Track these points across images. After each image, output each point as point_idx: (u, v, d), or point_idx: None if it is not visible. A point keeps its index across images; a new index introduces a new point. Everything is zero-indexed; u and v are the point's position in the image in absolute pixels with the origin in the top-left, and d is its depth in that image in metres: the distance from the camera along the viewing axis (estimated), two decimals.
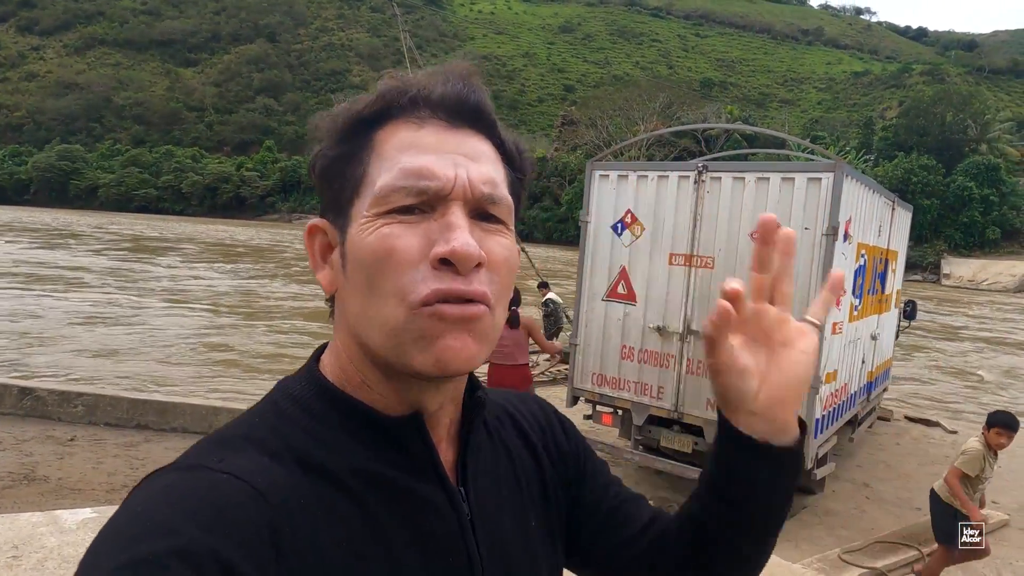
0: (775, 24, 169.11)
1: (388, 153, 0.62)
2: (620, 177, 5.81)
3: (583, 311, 6.04)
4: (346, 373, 0.66)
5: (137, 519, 0.52)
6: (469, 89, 0.65)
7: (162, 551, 0.49)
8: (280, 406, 0.65)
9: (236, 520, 0.53)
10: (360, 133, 0.64)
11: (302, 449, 0.61)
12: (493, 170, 0.65)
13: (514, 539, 0.73)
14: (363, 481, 0.62)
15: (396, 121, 0.64)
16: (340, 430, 0.64)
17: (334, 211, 0.66)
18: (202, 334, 13.55)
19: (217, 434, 0.62)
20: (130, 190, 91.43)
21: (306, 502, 0.58)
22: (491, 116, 0.67)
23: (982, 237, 47.24)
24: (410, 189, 0.60)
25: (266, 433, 0.62)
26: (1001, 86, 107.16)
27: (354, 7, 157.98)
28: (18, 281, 19.50)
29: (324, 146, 0.66)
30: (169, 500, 0.53)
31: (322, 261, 0.68)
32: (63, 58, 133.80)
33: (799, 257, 4.99)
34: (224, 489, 0.54)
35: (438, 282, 0.59)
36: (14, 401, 7.00)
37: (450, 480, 0.68)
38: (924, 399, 11.97)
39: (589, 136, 61.00)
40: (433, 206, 0.61)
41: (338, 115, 0.66)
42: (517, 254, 0.68)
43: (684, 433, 5.67)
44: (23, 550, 3.46)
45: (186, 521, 0.51)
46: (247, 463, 0.58)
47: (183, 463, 0.58)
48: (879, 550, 5.09)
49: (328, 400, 0.65)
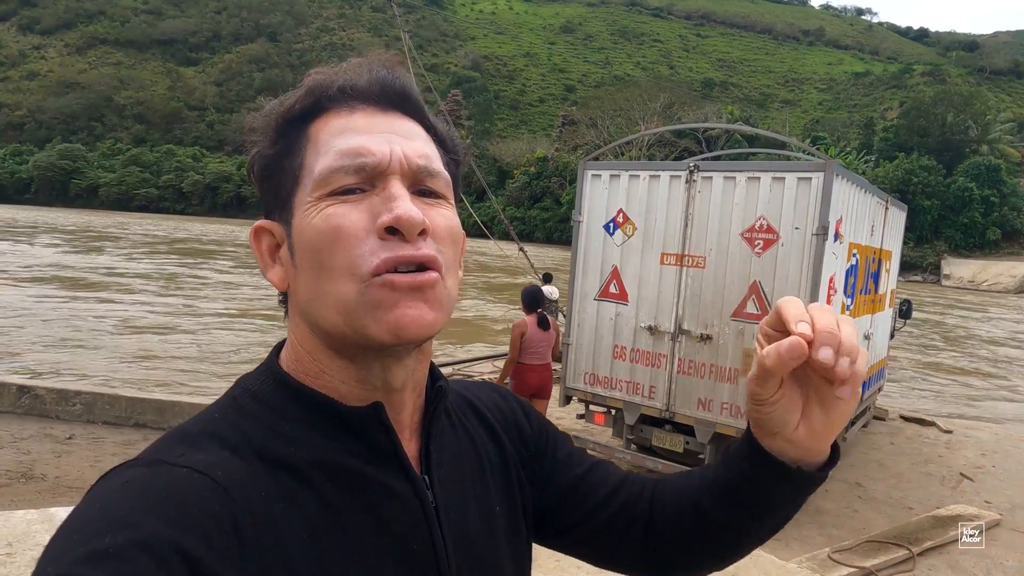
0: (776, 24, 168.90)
1: (323, 140, 0.64)
2: (612, 177, 5.84)
3: (575, 311, 6.07)
4: (303, 364, 0.67)
5: (97, 513, 0.51)
6: (393, 76, 0.67)
7: (123, 543, 0.48)
8: (239, 401, 0.65)
9: (198, 513, 0.53)
10: (294, 129, 0.66)
11: (262, 443, 0.61)
12: (426, 146, 0.67)
13: (479, 526, 0.73)
14: (324, 472, 0.62)
15: (328, 113, 0.65)
16: (300, 422, 0.64)
17: (277, 208, 0.67)
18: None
19: (177, 430, 0.62)
20: (131, 189, 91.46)
21: (267, 495, 0.58)
22: (418, 100, 0.69)
23: (982, 238, 47.23)
24: (348, 168, 0.62)
25: (226, 428, 0.62)
26: (1002, 87, 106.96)
27: (355, 7, 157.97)
28: (93, 290, 18.92)
29: (261, 146, 0.67)
30: (129, 495, 0.53)
31: (271, 260, 0.68)
32: (64, 57, 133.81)
33: (789, 256, 5.03)
34: (184, 483, 0.54)
35: (387, 251, 0.60)
36: (12, 399, 7.04)
37: (414, 469, 0.68)
38: (921, 398, 11.99)
39: (590, 136, 61.06)
40: (373, 183, 0.62)
41: (270, 114, 0.67)
42: (459, 225, 0.68)
43: (675, 432, 5.70)
44: (17, 547, 3.50)
45: (147, 515, 0.51)
46: (207, 457, 0.58)
47: (142, 459, 0.58)
48: (869, 549, 5.10)
49: (287, 393, 0.65)
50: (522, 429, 0.86)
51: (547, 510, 0.84)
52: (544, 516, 0.84)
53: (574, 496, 0.84)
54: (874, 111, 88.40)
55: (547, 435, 0.88)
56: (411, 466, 0.68)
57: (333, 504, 0.62)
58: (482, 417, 0.83)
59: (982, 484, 6.77)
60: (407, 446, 0.69)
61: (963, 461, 7.44)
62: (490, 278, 28.37)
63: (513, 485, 0.81)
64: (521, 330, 6.01)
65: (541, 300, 6.24)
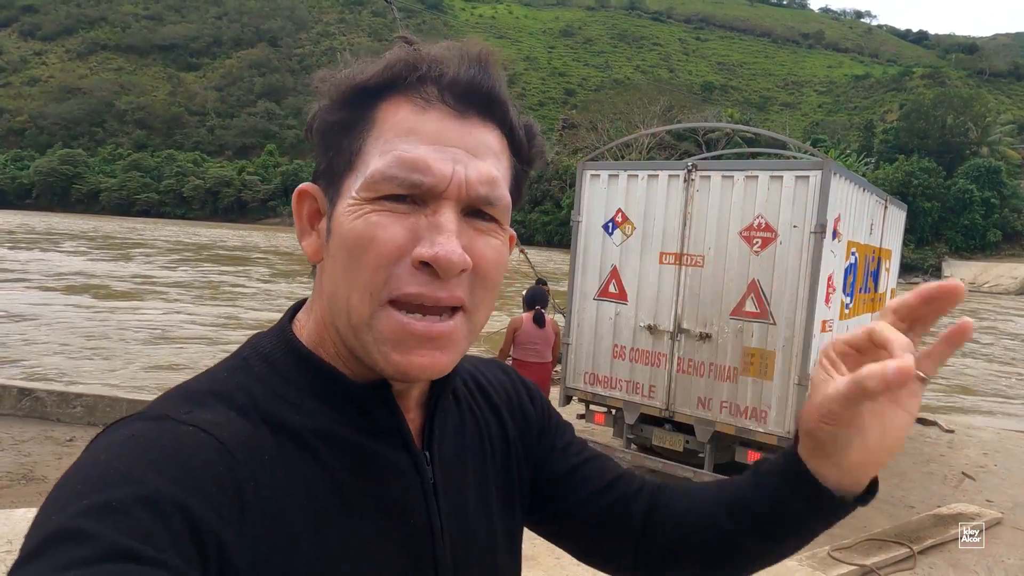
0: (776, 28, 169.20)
1: (387, 134, 0.59)
2: (611, 177, 5.85)
3: (575, 311, 6.07)
4: (320, 338, 0.66)
5: (100, 466, 0.51)
6: (484, 75, 0.61)
7: (126, 498, 0.48)
8: (249, 363, 0.64)
9: (201, 472, 0.52)
10: (361, 102, 0.61)
11: (268, 407, 0.61)
12: (495, 167, 0.62)
13: (475, 504, 0.73)
14: (327, 442, 0.62)
15: (400, 97, 0.60)
16: (307, 392, 0.63)
17: (327, 179, 0.63)
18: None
19: (184, 386, 0.62)
20: (132, 194, 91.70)
21: (270, 459, 0.58)
22: (504, 104, 0.63)
23: (983, 240, 47.25)
24: (402, 181, 0.58)
25: (233, 389, 0.61)
26: (1002, 89, 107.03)
27: (355, 11, 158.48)
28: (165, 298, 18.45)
29: (324, 107, 0.63)
30: (134, 449, 0.52)
31: (309, 227, 0.66)
32: (65, 63, 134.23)
33: (788, 255, 5.03)
34: (189, 441, 0.54)
35: (414, 285, 0.58)
36: (13, 402, 7.04)
37: (415, 444, 0.68)
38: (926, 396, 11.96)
39: (590, 139, 61.02)
40: (425, 200, 0.59)
41: (342, 79, 0.62)
42: (507, 253, 0.66)
43: (675, 431, 5.69)
44: (18, 545, 3.49)
45: (150, 470, 0.50)
46: (213, 417, 0.57)
47: (149, 413, 0.57)
48: (870, 547, 5.09)
49: (298, 361, 0.65)
50: (526, 411, 0.86)
51: (541, 494, 0.83)
52: (537, 500, 0.83)
53: (569, 484, 0.83)
54: (874, 114, 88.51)
55: (550, 420, 0.88)
56: (413, 441, 0.68)
57: (334, 474, 0.61)
58: (487, 395, 0.83)
59: (984, 483, 6.76)
60: (411, 420, 0.69)
61: (965, 460, 7.43)
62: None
63: (512, 465, 0.81)
64: (516, 326, 6.08)
65: (539, 299, 6.28)
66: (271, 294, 21.48)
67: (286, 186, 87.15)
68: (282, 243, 49.08)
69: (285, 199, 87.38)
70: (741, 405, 5.28)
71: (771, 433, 5.16)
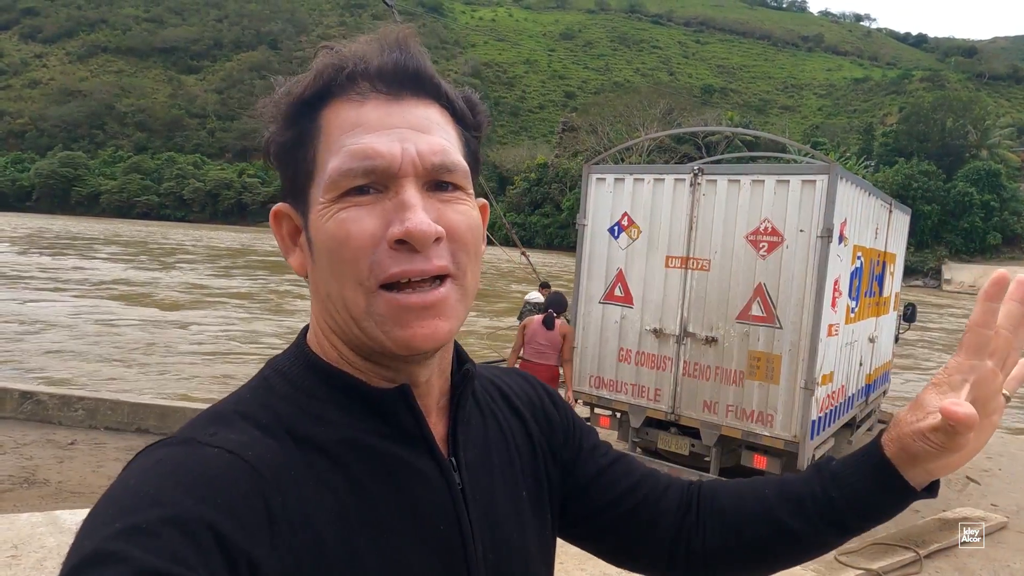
0: (775, 31, 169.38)
1: (334, 135, 0.62)
2: (617, 180, 5.85)
3: (580, 314, 6.07)
4: (323, 349, 0.67)
5: (130, 491, 0.52)
6: (407, 56, 0.64)
7: (155, 520, 0.49)
8: (270, 381, 0.66)
9: (228, 491, 0.53)
10: (305, 115, 0.64)
11: (292, 422, 0.62)
12: (443, 137, 0.64)
13: (505, 509, 0.73)
14: (354, 452, 0.63)
15: (338, 99, 0.63)
16: (329, 403, 0.64)
17: (293, 196, 0.66)
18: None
19: (210, 409, 0.63)
20: (132, 196, 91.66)
21: (297, 474, 0.59)
22: (434, 79, 0.65)
23: (983, 242, 47.25)
24: (357, 170, 0.60)
25: (257, 408, 0.62)
26: (1001, 92, 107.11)
27: (355, 15, 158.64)
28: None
29: (274, 130, 0.66)
30: (161, 473, 0.54)
31: (292, 244, 0.68)
32: (66, 65, 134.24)
33: (794, 259, 5.03)
34: (216, 462, 0.55)
35: (396, 264, 0.60)
36: (15, 405, 7.03)
37: (440, 450, 0.68)
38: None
39: (590, 142, 61.09)
40: (386, 184, 0.61)
41: (280, 99, 0.65)
42: (478, 218, 0.68)
43: (681, 435, 5.68)
44: (23, 549, 3.49)
45: (178, 492, 0.52)
46: (238, 436, 0.58)
47: (176, 438, 0.59)
48: (876, 551, 5.08)
49: (317, 374, 0.66)
50: (550, 416, 0.86)
51: (571, 498, 0.83)
52: (568, 504, 0.84)
53: (598, 485, 0.83)
54: (873, 116, 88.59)
55: (574, 424, 0.88)
56: (438, 447, 0.68)
57: (362, 484, 0.62)
58: (509, 402, 0.83)
59: (988, 487, 6.75)
60: (434, 428, 0.69)
61: (969, 464, 7.38)
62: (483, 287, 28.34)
63: (540, 470, 0.81)
64: (526, 324, 6.29)
65: (557, 304, 6.42)
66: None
67: None
68: None
69: None
70: (747, 409, 5.27)
71: (777, 437, 5.15)
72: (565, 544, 0.88)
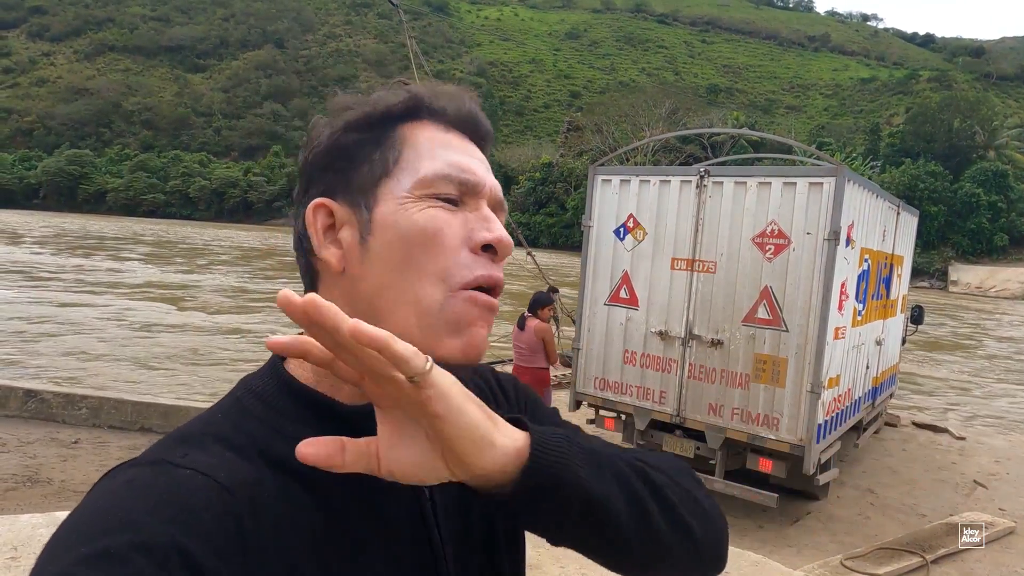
0: (781, 30, 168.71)
1: (425, 146, 0.67)
2: (623, 182, 5.82)
3: (585, 316, 6.04)
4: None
5: (98, 513, 0.51)
6: (478, 111, 0.72)
7: (123, 545, 0.48)
8: (243, 402, 0.65)
9: (199, 514, 0.53)
10: (384, 125, 0.68)
11: (266, 443, 0.61)
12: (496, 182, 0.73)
13: (475, 515, 0.73)
14: (327, 473, 0.61)
15: (423, 121, 0.69)
16: (302, 423, 0.64)
17: (350, 191, 0.67)
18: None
19: (180, 430, 0.62)
20: (138, 195, 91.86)
21: (270, 495, 0.58)
22: (491, 137, 0.74)
23: (990, 244, 47.03)
24: (455, 179, 0.66)
25: (229, 429, 0.62)
26: (1009, 92, 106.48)
27: (361, 14, 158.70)
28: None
29: (336, 130, 0.68)
30: (131, 495, 0.53)
31: (325, 239, 0.68)
32: (73, 64, 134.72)
33: (801, 261, 4.99)
34: (187, 484, 0.54)
35: (481, 268, 0.65)
36: (19, 403, 7.04)
37: None
38: (933, 405, 11.89)
39: (595, 142, 61.03)
40: (466, 201, 0.67)
41: (367, 104, 0.69)
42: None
43: (686, 438, 5.65)
44: (22, 551, 3.48)
45: (148, 515, 0.51)
46: (210, 458, 0.58)
47: (145, 458, 0.58)
48: (882, 556, 5.05)
49: (289, 394, 0.66)
50: (512, 407, 0.86)
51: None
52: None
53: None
54: (880, 117, 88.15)
55: (533, 408, 0.88)
56: None
57: (335, 505, 0.62)
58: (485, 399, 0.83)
59: (996, 491, 6.70)
60: None
61: (977, 468, 7.36)
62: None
63: None
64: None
65: (535, 303, 6.36)
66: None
67: (291, 187, 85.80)
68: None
69: (290, 200, 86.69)
70: (753, 412, 5.23)
71: (783, 440, 5.12)
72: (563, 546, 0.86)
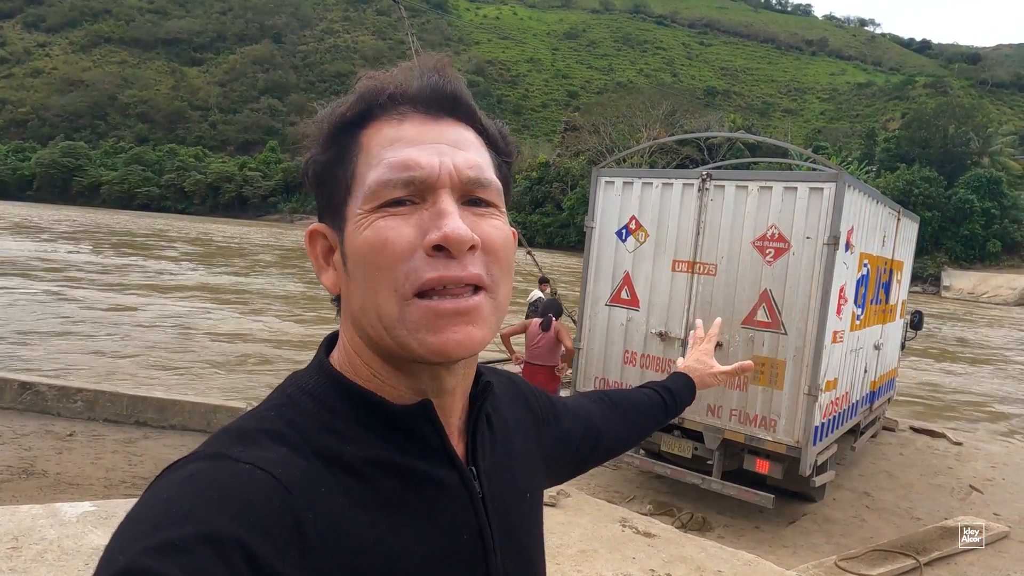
0: (779, 34, 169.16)
1: (374, 151, 0.64)
2: (625, 184, 5.83)
3: (587, 316, 6.06)
4: (354, 367, 0.68)
5: (163, 505, 0.53)
6: (444, 80, 0.67)
7: (188, 536, 0.50)
8: (295, 399, 0.66)
9: (260, 509, 0.54)
10: (346, 135, 0.66)
11: (318, 440, 0.62)
12: (477, 155, 0.67)
13: (518, 511, 0.77)
14: (379, 468, 0.64)
15: (378, 120, 0.66)
16: (353, 421, 0.65)
17: (330, 214, 0.68)
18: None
19: (235, 426, 0.63)
20: (133, 188, 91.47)
21: (326, 491, 0.59)
22: (469, 104, 0.69)
23: (983, 250, 47.25)
24: (397, 181, 0.62)
25: (282, 425, 0.63)
26: (1004, 99, 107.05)
27: (360, 10, 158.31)
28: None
29: (314, 152, 0.68)
30: (194, 488, 0.54)
31: (325, 263, 0.70)
32: (69, 55, 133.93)
33: (800, 265, 5.01)
34: (248, 479, 0.56)
35: (433, 270, 0.61)
36: (14, 396, 7.01)
37: (461, 461, 0.70)
38: (932, 409, 11.95)
39: (592, 142, 60.99)
40: (423, 196, 0.63)
41: (322, 120, 0.68)
42: (512, 235, 0.70)
43: (684, 438, 5.68)
44: (23, 541, 3.47)
45: (211, 509, 0.52)
46: (267, 454, 0.59)
47: (205, 452, 0.59)
48: (876, 558, 5.08)
49: (340, 392, 0.67)
50: (544, 408, 0.94)
51: (572, 463, 1.02)
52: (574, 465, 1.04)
53: (571, 448, 1.00)
54: (876, 122, 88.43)
55: (553, 414, 0.96)
56: (459, 459, 0.70)
57: (389, 499, 0.63)
58: (513, 404, 0.87)
59: (991, 496, 6.74)
60: (455, 439, 0.72)
61: (972, 473, 7.40)
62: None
63: (539, 471, 0.87)
64: (527, 324, 6.61)
65: (553, 308, 6.59)
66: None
67: (287, 182, 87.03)
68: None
69: (286, 195, 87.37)
70: (751, 413, 5.26)
71: (780, 442, 5.14)
72: (564, 545, 0.89)
